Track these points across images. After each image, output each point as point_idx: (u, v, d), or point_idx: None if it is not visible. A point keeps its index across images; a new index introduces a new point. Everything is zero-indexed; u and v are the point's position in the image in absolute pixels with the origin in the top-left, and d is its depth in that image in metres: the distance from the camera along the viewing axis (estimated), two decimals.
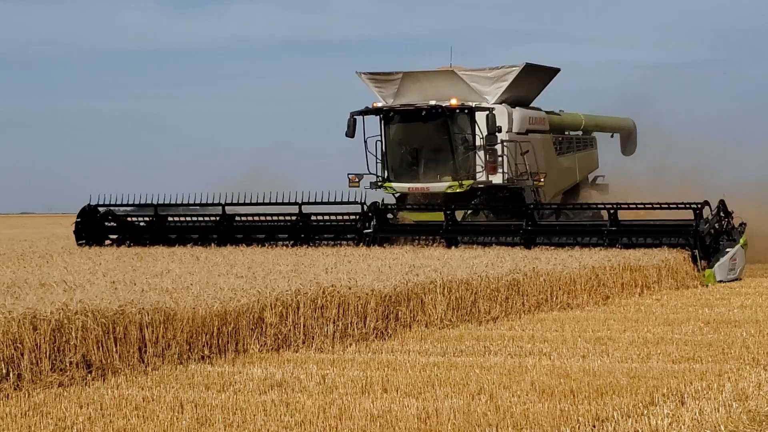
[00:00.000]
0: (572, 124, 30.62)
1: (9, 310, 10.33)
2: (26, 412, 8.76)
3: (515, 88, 26.67)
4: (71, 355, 10.39)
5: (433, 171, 25.78)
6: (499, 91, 26.39)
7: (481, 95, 26.41)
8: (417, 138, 26.19)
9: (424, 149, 26.09)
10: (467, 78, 26.49)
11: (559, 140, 29.15)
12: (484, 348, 12.49)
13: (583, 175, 30.33)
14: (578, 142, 30.46)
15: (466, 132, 25.84)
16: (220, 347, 11.87)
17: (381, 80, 27.00)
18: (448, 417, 8.32)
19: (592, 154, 31.15)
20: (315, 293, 13.10)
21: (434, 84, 26.45)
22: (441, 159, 25.88)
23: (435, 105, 25.32)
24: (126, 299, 11.46)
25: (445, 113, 25.38)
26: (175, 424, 8.27)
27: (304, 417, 8.43)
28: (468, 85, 26.43)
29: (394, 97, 26.72)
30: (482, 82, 26.51)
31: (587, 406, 8.78)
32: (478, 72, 26.69)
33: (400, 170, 26.23)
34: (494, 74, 26.52)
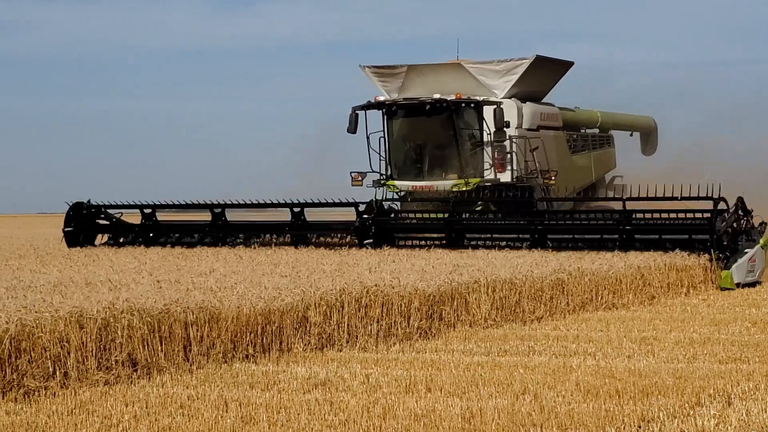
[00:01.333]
0: (588, 122, 29.48)
1: (56, 309, 10.40)
2: (72, 410, 8.83)
3: (525, 81, 25.55)
4: (117, 354, 10.43)
5: (438, 169, 24.80)
6: (508, 84, 25.29)
7: (490, 89, 25.32)
8: (421, 134, 25.14)
9: (429, 146, 25.00)
10: (474, 71, 25.40)
11: (573, 138, 28.06)
12: (529, 348, 12.45)
13: (600, 175, 29.23)
14: (594, 141, 29.33)
15: (473, 127, 24.74)
16: (264, 346, 11.89)
17: (385, 74, 25.98)
18: (492, 417, 8.31)
19: (609, 153, 30.09)
20: (359, 292, 13.10)
21: (440, 78, 25.38)
22: (446, 156, 24.83)
23: (439, 99, 24.17)
24: (171, 298, 11.53)
25: (450, 107, 24.30)
26: (219, 422, 8.30)
27: (348, 416, 8.45)
28: (475, 79, 25.35)
29: (398, 91, 25.73)
30: (490, 75, 25.42)
31: (632, 406, 8.74)
32: (486, 65, 25.58)
33: (404, 168, 25.20)
34: (503, 67, 25.37)
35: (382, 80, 25.89)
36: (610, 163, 30.05)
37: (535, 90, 26.36)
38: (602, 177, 29.43)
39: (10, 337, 9.57)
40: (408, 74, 25.55)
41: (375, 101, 24.72)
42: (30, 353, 9.71)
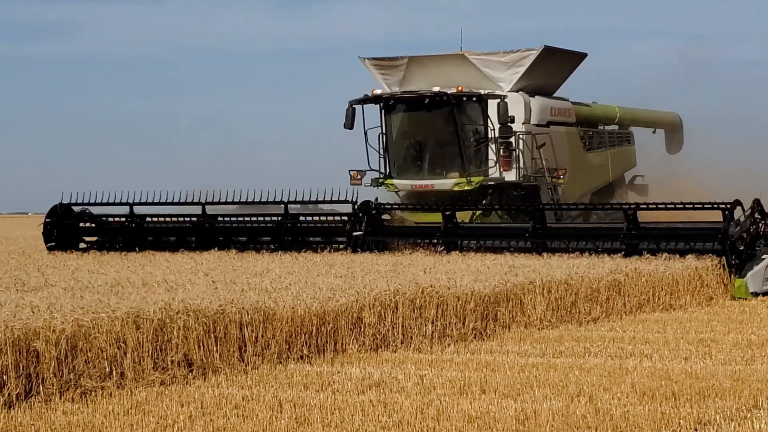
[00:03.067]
0: (605, 117, 28.11)
1: (113, 309, 10.47)
2: (128, 410, 8.89)
3: (534, 74, 24.21)
4: (173, 354, 10.49)
5: (438, 167, 23.53)
6: (515, 77, 23.97)
7: (495, 82, 24.01)
8: (421, 129, 23.81)
9: (429, 142, 23.67)
10: (479, 63, 24.08)
11: (588, 134, 26.73)
12: (584, 349, 12.39)
13: (618, 174, 27.87)
14: (612, 138, 27.99)
15: (476, 123, 23.44)
16: (318, 347, 11.91)
17: (385, 66, 24.70)
18: (546, 419, 8.27)
19: (628, 150, 28.64)
20: (413, 293, 13.08)
21: (443, 70, 23.96)
22: (447, 153, 23.48)
23: (439, 92, 22.90)
24: (226, 299, 11.56)
25: (451, 101, 22.95)
26: (273, 423, 8.32)
27: (402, 417, 8.44)
28: (480, 71, 24.02)
29: (400, 84, 24.46)
30: (496, 67, 24.08)
31: (689, 408, 8.68)
32: (492, 56, 24.21)
33: (403, 166, 24.00)
34: (509, 59, 24.01)
35: (383, 73, 24.69)
36: (630, 161, 28.67)
37: (544, 83, 25.03)
38: (621, 176, 28.20)
39: (67, 338, 9.65)
40: (409, 66, 24.34)
41: (372, 95, 23.61)
42: (87, 353, 9.78)
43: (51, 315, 10.00)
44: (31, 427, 8.26)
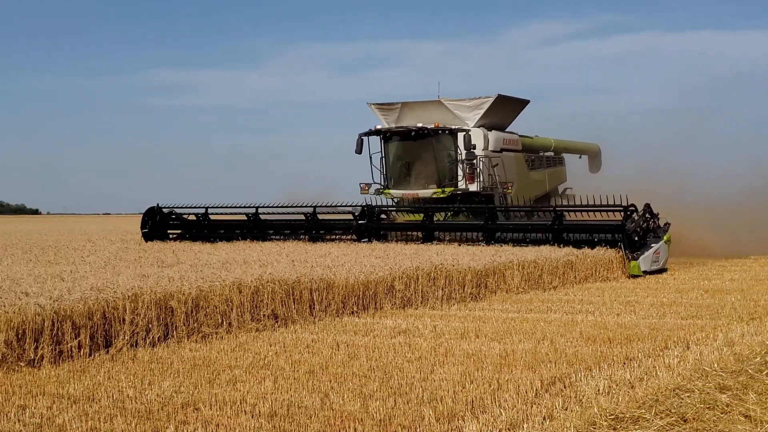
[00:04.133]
0: (543, 146, 27.14)
1: (223, 279, 10.53)
2: (234, 348, 8.91)
3: (491, 114, 23.60)
4: (264, 310, 10.51)
5: (422, 180, 22.88)
6: (477, 116, 23.40)
7: (463, 120, 23.43)
8: (409, 154, 23.06)
9: (416, 163, 23.00)
10: (451, 107, 23.59)
11: (531, 158, 25.84)
12: (547, 308, 12.27)
13: (553, 186, 27.12)
14: (548, 161, 27.06)
15: (449, 149, 22.66)
16: (364, 305, 11.87)
17: (385, 109, 24.18)
18: (521, 355, 8.22)
19: (560, 170, 27.93)
20: (429, 269, 13.02)
21: (426, 112, 23.60)
22: (428, 171, 22.86)
23: (422, 127, 22.49)
24: (301, 272, 11.56)
25: (430, 134, 22.48)
26: (333, 357, 8.32)
27: (421, 354, 8.41)
28: (452, 112, 23.53)
29: (396, 122, 23.97)
30: (463, 110, 23.55)
31: (620, 349, 8.60)
32: (460, 102, 23.63)
33: (397, 180, 23.18)
34: (472, 103, 23.51)
35: (383, 114, 24.25)
36: (561, 177, 28.03)
37: (499, 121, 24.44)
38: (555, 188, 27.46)
39: (192, 298, 9.68)
40: (402, 109, 24.06)
41: (374, 129, 23.15)
42: (205, 309, 9.79)
43: (182, 283, 10.04)
44: (168, 359, 8.28)
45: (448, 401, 6.34)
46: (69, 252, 17.37)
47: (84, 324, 8.48)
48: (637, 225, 17.73)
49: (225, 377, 7.38)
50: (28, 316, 8.02)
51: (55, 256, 15.95)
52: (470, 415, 5.98)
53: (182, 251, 16.85)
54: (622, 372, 7.39)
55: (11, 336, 7.85)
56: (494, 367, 7.66)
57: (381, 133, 23.11)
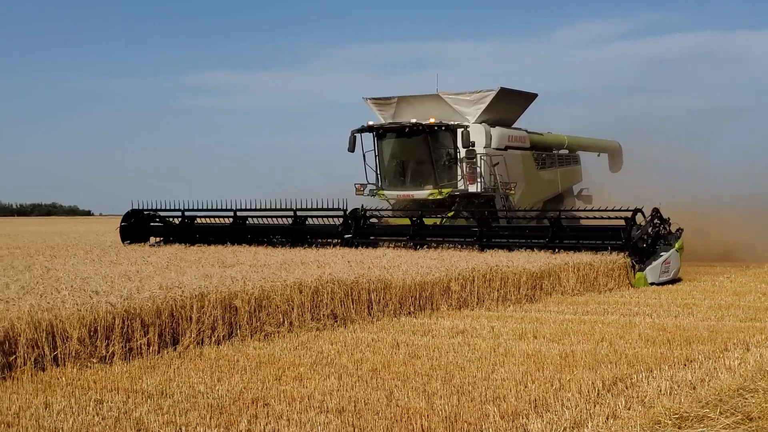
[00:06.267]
0: (555, 144, 25.08)
1: (284, 279, 10.73)
2: (296, 346, 9.09)
3: (493, 109, 21.65)
4: (324, 310, 10.67)
5: (417, 180, 21.14)
6: (478, 111, 21.47)
7: (463, 116, 21.52)
8: (404, 152, 21.35)
9: (410, 162, 21.32)
10: (450, 101, 21.66)
11: (542, 157, 23.82)
12: (604, 310, 12.26)
13: (566, 187, 24.99)
14: (561, 159, 25.00)
15: (448, 147, 20.89)
16: (420, 306, 11.98)
17: (381, 104, 22.36)
18: (581, 356, 8.27)
19: (575, 169, 25.75)
20: (485, 270, 13.10)
21: (424, 106, 21.67)
22: (424, 170, 21.08)
23: (416, 123, 20.65)
24: (358, 273, 11.72)
25: (425, 130, 20.62)
26: (394, 356, 8.44)
27: (481, 354, 8.50)
28: (451, 107, 21.64)
29: (392, 117, 22.09)
30: (463, 104, 21.65)
31: (680, 350, 8.61)
32: (460, 95, 21.70)
33: (392, 180, 21.44)
34: (473, 97, 21.59)
35: (380, 109, 22.42)
36: (576, 177, 25.87)
37: (504, 116, 22.40)
38: (570, 188, 25.41)
39: (255, 298, 9.89)
40: (399, 104, 22.11)
41: (367, 125, 21.26)
42: (268, 309, 10.00)
43: (245, 283, 10.26)
44: (234, 357, 8.48)
45: (511, 400, 6.44)
46: (129, 252, 17.76)
47: (153, 322, 8.74)
48: (643, 232, 16.27)
49: (290, 374, 7.56)
50: (99, 314, 8.29)
51: (117, 256, 16.33)
52: (534, 414, 6.07)
53: (241, 252, 17.09)
54: (683, 373, 7.41)
55: (84, 333, 8.13)
56: (554, 368, 7.73)
57: (373, 129, 21.32)
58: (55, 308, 8.18)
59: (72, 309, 8.21)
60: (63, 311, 8.13)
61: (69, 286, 9.77)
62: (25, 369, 7.61)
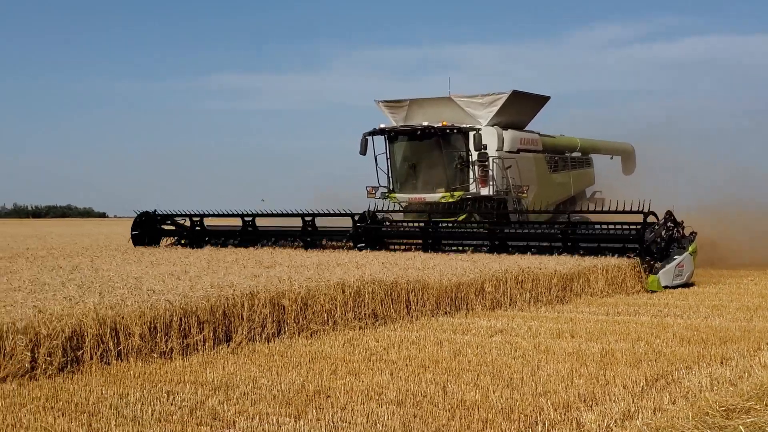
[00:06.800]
0: (568, 146, 24.94)
1: (327, 279, 11.06)
2: (343, 344, 9.37)
3: (506, 112, 21.61)
4: (365, 309, 10.96)
5: (429, 183, 21.07)
6: (490, 114, 21.45)
7: (475, 119, 21.51)
8: (415, 155, 21.23)
9: (422, 164, 21.18)
10: (462, 104, 21.68)
11: (554, 159, 23.74)
12: (634, 310, 12.52)
13: (579, 190, 24.93)
14: (574, 162, 24.91)
15: (460, 150, 20.83)
16: (456, 306, 12.27)
17: (393, 107, 22.44)
18: (621, 354, 8.55)
19: (588, 172, 25.71)
20: (517, 272, 13.37)
21: (435, 109, 21.75)
22: (436, 173, 20.99)
23: (428, 126, 20.62)
24: (397, 274, 12.04)
25: (437, 133, 20.62)
26: (439, 353, 8.73)
27: (524, 352, 8.78)
28: (463, 110, 21.62)
29: (404, 120, 22.12)
30: (475, 107, 21.64)
31: (715, 349, 8.88)
32: (472, 98, 21.67)
33: (403, 183, 21.40)
34: (485, 100, 21.54)
35: (392, 112, 22.50)
36: (589, 180, 25.83)
37: (517, 119, 22.39)
38: (582, 191, 25.34)
39: (301, 297, 10.22)
40: (410, 107, 22.20)
41: (378, 128, 21.26)
42: (313, 308, 10.32)
43: (291, 283, 10.61)
44: (286, 353, 8.80)
45: (561, 394, 6.76)
46: (163, 253, 18.09)
47: (207, 319, 9.10)
48: (656, 235, 16.24)
49: (344, 369, 7.90)
50: (159, 312, 8.67)
51: (155, 257, 16.71)
52: (584, 407, 6.40)
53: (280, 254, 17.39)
54: (721, 370, 7.71)
55: (145, 329, 8.50)
56: (597, 365, 8.03)
57: (385, 132, 21.33)
58: (117, 306, 8.55)
59: (133, 306, 8.58)
60: (125, 309, 8.51)
61: (124, 285, 10.15)
62: (91, 363, 7.98)
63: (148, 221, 21.76)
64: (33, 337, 7.63)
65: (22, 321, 7.67)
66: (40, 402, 6.62)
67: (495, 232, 17.85)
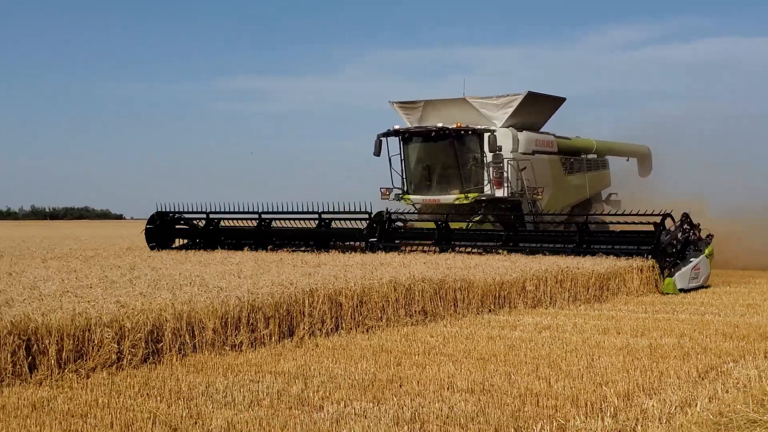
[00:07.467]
0: (584, 148, 24.57)
1: (380, 278, 11.48)
2: (400, 338, 9.81)
3: (521, 113, 21.36)
4: (415, 306, 11.41)
5: (443, 185, 20.84)
6: (505, 116, 21.23)
7: (490, 120, 21.28)
8: (429, 156, 21.03)
9: (436, 166, 20.99)
10: (477, 105, 21.43)
11: (570, 161, 23.38)
12: (672, 309, 12.87)
13: (594, 192, 24.53)
14: (589, 164, 24.48)
15: (474, 152, 20.67)
16: (499, 304, 12.67)
17: (408, 108, 22.20)
18: (668, 349, 8.95)
19: (603, 174, 25.23)
20: (556, 272, 13.77)
21: (450, 111, 21.48)
22: (450, 174, 20.77)
23: (442, 127, 20.43)
24: (443, 273, 12.45)
25: (451, 134, 20.41)
26: (493, 347, 9.14)
27: (574, 347, 9.17)
28: (478, 111, 21.39)
29: (418, 121, 21.88)
30: (490, 108, 21.39)
31: (758, 344, 9.27)
32: (487, 100, 21.42)
33: (418, 184, 21.15)
34: (500, 102, 21.31)
35: (406, 113, 22.24)
36: (605, 182, 25.35)
37: (532, 121, 22.08)
38: (598, 193, 24.92)
39: (357, 295, 10.68)
40: (425, 108, 21.95)
41: (393, 129, 21.04)
42: (367, 304, 10.77)
43: (347, 281, 11.08)
44: (348, 346, 9.24)
45: (620, 384, 7.19)
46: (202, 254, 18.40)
47: (273, 315, 9.59)
48: (672, 237, 16.13)
49: (408, 361, 8.36)
50: (230, 307, 9.16)
51: (200, 257, 17.20)
52: (644, 395, 6.83)
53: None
54: (767, 363, 8.11)
55: (217, 324, 9.00)
56: (648, 359, 8.44)
57: (399, 133, 21.09)
58: (191, 302, 9.04)
59: (206, 302, 9.08)
60: (198, 304, 9.00)
61: (191, 283, 10.65)
62: (170, 355, 8.48)
63: (162, 222, 21.36)
64: (118, 330, 8.13)
65: (108, 315, 8.17)
66: (135, 389, 7.11)
67: (509, 233, 18.02)
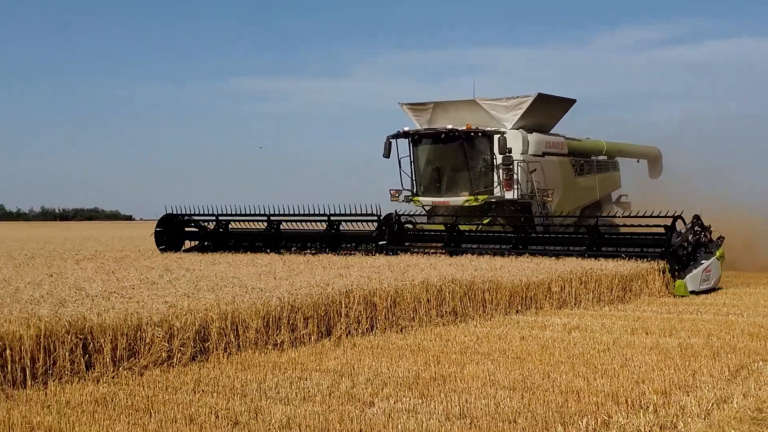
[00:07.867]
0: (594, 150, 24.35)
1: (411, 279, 11.74)
2: (433, 338, 10.04)
3: (531, 115, 21.20)
4: (446, 307, 11.65)
5: (453, 187, 20.80)
6: (515, 117, 21.06)
7: (500, 122, 21.13)
8: (439, 158, 20.97)
9: (446, 168, 20.91)
10: (487, 107, 21.26)
11: (580, 163, 23.22)
12: (695, 310, 13.05)
13: (604, 194, 24.39)
14: (600, 165, 24.34)
15: (484, 153, 20.59)
16: (526, 305, 12.87)
17: (417, 109, 22.02)
18: (699, 348, 9.17)
19: (614, 176, 25.08)
20: (581, 273, 13.99)
21: (460, 112, 21.32)
22: (460, 176, 20.74)
23: (452, 129, 20.42)
24: (472, 275, 12.69)
25: (461, 136, 20.38)
26: (526, 346, 9.38)
27: (606, 346, 9.39)
28: (488, 113, 21.21)
29: (428, 123, 21.79)
30: (500, 110, 21.21)
31: None
32: (497, 101, 21.25)
33: (427, 186, 21.10)
34: (510, 103, 21.14)
35: (415, 114, 22.06)
36: (615, 184, 25.22)
37: (542, 122, 21.93)
38: (608, 195, 24.78)
39: (391, 296, 10.94)
40: (434, 109, 21.79)
41: (402, 131, 20.97)
42: (400, 305, 11.02)
43: (380, 282, 11.34)
44: (386, 346, 9.49)
45: (657, 381, 7.44)
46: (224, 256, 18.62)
47: (311, 315, 9.87)
48: (683, 239, 16.06)
49: (447, 360, 8.62)
50: (271, 307, 9.45)
51: (223, 257, 17.49)
52: (681, 393, 7.08)
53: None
54: None
55: (260, 323, 9.28)
56: (680, 358, 8.68)
57: (409, 135, 21.01)
58: (234, 302, 9.33)
59: (248, 303, 9.36)
60: (241, 305, 9.29)
61: (231, 284, 10.94)
62: (217, 353, 8.76)
63: (171, 224, 21.37)
64: (168, 330, 8.43)
65: (157, 315, 8.46)
66: (189, 386, 7.39)
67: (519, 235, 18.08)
